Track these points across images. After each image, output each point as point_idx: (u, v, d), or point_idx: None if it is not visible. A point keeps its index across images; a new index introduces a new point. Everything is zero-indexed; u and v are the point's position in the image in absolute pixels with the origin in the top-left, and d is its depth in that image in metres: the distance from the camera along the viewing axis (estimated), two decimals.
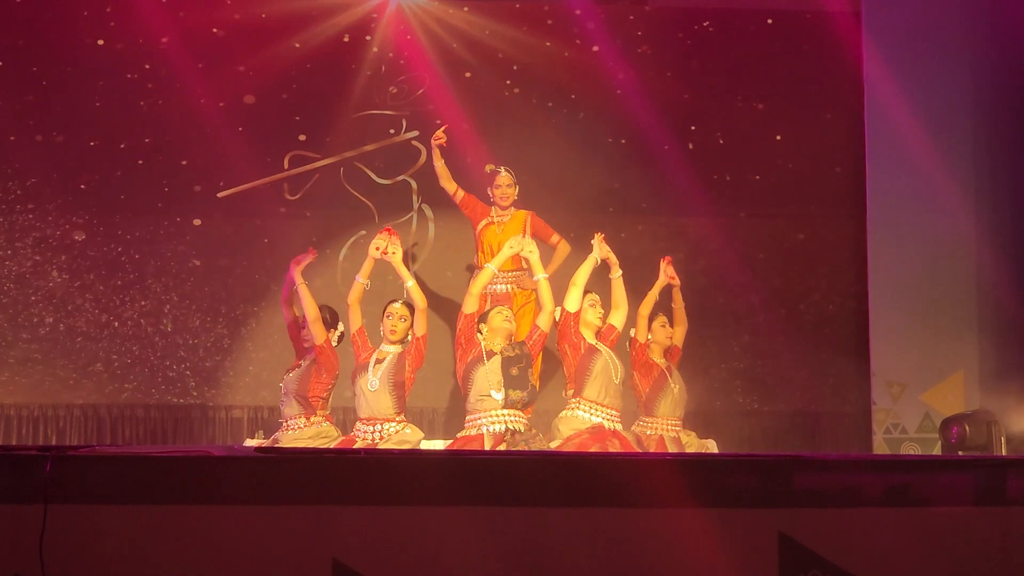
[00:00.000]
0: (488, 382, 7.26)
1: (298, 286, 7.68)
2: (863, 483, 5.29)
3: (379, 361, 7.49)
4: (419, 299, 7.57)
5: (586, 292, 7.71)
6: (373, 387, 7.42)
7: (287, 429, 7.64)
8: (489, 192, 8.69)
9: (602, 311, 7.71)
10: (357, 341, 7.61)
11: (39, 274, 9.70)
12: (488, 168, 8.73)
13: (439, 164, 8.71)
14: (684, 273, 10.02)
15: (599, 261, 7.80)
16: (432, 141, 8.74)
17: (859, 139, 10.11)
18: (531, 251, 7.75)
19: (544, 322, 7.55)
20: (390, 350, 7.55)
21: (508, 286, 8.43)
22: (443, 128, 8.81)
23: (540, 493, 5.14)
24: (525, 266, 8.12)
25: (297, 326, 7.85)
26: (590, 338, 7.63)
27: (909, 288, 9.77)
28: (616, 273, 7.87)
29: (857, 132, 10.16)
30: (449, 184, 8.72)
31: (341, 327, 7.87)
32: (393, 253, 7.64)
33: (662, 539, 5.11)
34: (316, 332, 7.62)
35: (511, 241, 7.82)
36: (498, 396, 7.24)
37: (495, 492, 5.13)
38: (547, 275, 7.68)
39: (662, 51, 10.29)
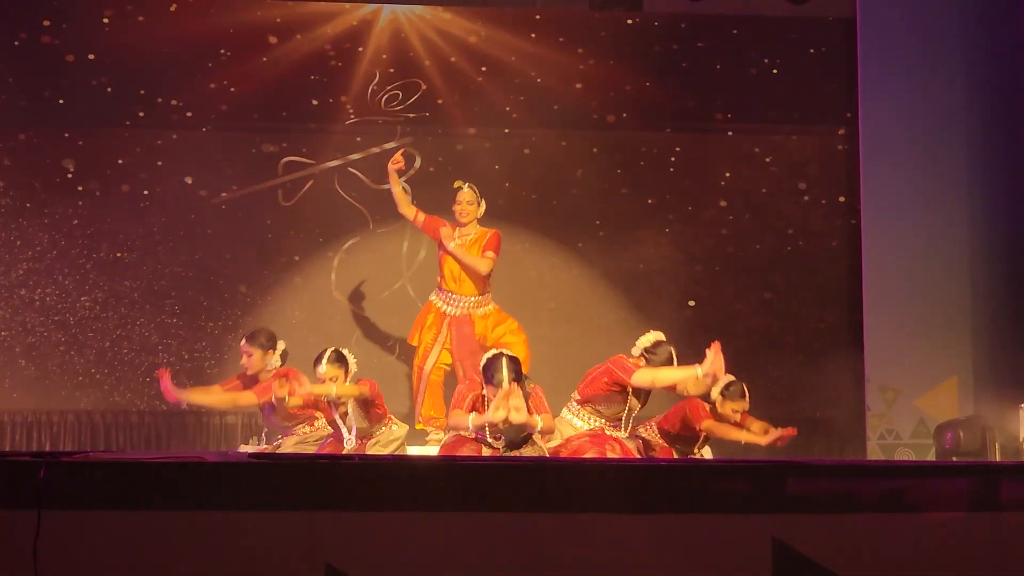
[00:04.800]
0: (489, 436, 7.11)
1: (187, 400, 7.72)
2: (857, 489, 5.28)
3: (344, 415, 7.43)
4: (352, 392, 7.31)
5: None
6: (350, 444, 7.36)
7: (291, 433, 7.62)
8: (453, 208, 8.48)
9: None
10: (310, 404, 7.52)
11: (32, 280, 9.69)
12: (456, 185, 8.54)
13: (397, 190, 8.45)
14: (677, 279, 10.07)
15: (701, 376, 7.14)
16: (390, 166, 8.50)
17: (854, 145, 10.14)
18: (517, 408, 6.93)
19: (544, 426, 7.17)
20: (345, 402, 7.43)
21: (471, 310, 8.35)
22: (401, 152, 8.68)
23: (533, 499, 5.14)
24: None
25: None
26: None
27: (903, 294, 9.80)
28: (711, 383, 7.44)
29: (852, 138, 10.19)
30: (408, 209, 8.48)
31: (282, 345, 7.77)
32: (300, 386, 7.32)
33: (655, 545, 5.11)
34: (246, 403, 7.65)
35: (496, 402, 6.94)
36: (498, 444, 7.12)
37: (489, 498, 5.12)
38: (540, 422, 7.10)
39: (656, 58, 10.31)
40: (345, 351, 7.46)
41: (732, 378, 7.68)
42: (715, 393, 7.70)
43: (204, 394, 7.85)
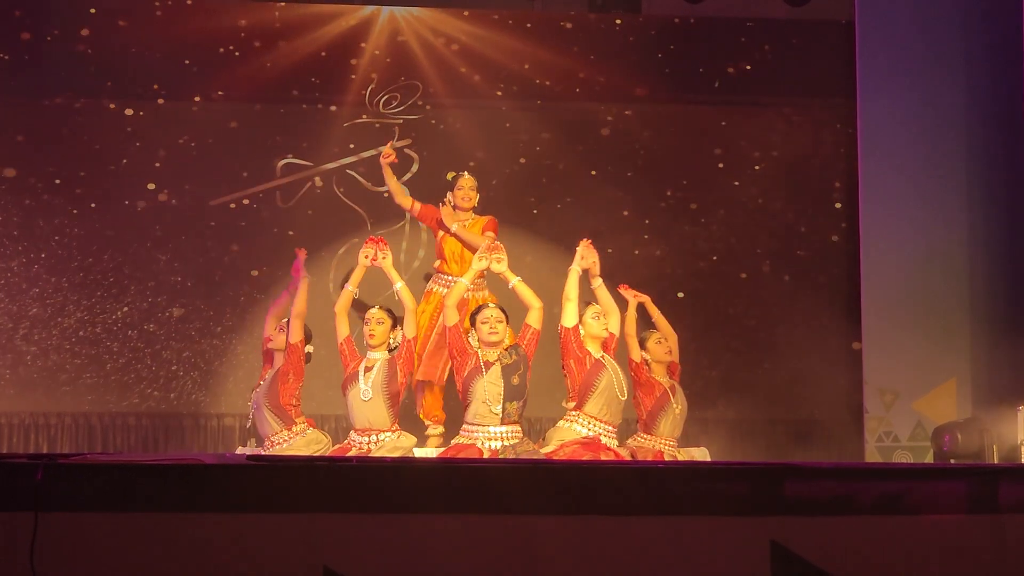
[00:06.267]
0: (487, 394, 7.19)
1: (302, 279, 7.77)
2: (855, 491, 5.29)
3: (368, 369, 7.42)
4: (408, 300, 7.55)
5: (587, 304, 7.64)
6: (366, 396, 7.34)
7: (272, 446, 7.54)
8: (449, 197, 8.47)
9: (606, 321, 7.58)
10: (345, 351, 7.50)
11: (30, 282, 9.67)
12: (449, 176, 8.59)
13: (392, 182, 8.58)
14: (676, 280, 10.06)
15: (580, 270, 7.65)
16: (381, 160, 8.58)
17: (852, 147, 10.13)
18: (498, 259, 7.60)
19: (535, 319, 7.38)
20: (376, 357, 7.46)
21: (467, 294, 8.36)
22: (389, 144, 8.73)
23: (532, 501, 5.14)
24: (487, 274, 7.95)
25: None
26: (596, 351, 7.51)
27: (902, 296, 9.79)
28: (597, 282, 7.72)
29: (850, 140, 10.19)
30: (404, 200, 8.59)
31: (311, 348, 7.78)
32: (383, 258, 7.67)
33: (654, 547, 5.11)
34: (295, 328, 7.55)
35: (478, 255, 7.67)
36: (497, 409, 7.17)
37: (487, 500, 5.12)
38: (519, 278, 7.51)
39: (654, 60, 10.31)
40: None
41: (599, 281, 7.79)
42: (636, 355, 7.86)
43: (304, 295, 7.76)
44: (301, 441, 7.51)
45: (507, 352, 7.30)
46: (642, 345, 7.90)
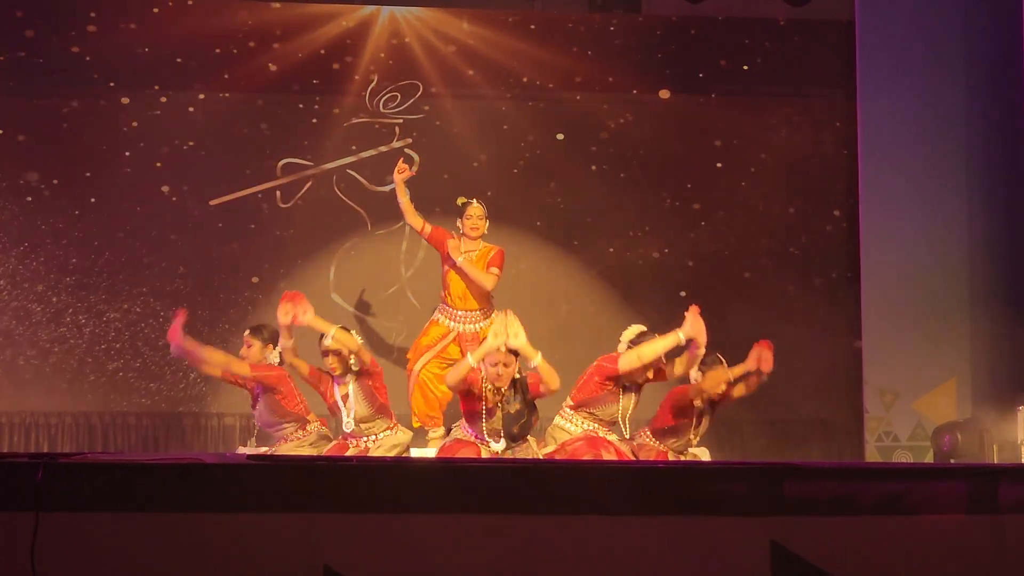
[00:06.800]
0: (488, 436, 7.12)
1: (188, 348, 7.38)
2: (855, 491, 5.28)
3: (345, 397, 7.38)
4: (350, 343, 7.25)
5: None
6: (348, 428, 7.37)
7: (287, 441, 7.54)
8: (459, 224, 8.35)
9: (650, 376, 7.31)
10: (313, 381, 7.46)
11: (32, 283, 9.68)
12: (460, 201, 8.48)
13: (404, 200, 8.35)
14: (675, 280, 10.07)
15: (683, 340, 7.20)
16: (395, 175, 8.40)
17: (852, 147, 10.14)
18: (515, 334, 6.80)
19: (547, 388, 6.93)
20: (347, 380, 7.38)
21: (477, 325, 8.27)
22: (402, 159, 8.61)
23: (532, 501, 5.14)
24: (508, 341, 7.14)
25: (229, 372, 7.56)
26: (625, 380, 7.31)
27: (902, 296, 9.79)
28: (699, 351, 7.29)
29: (851, 140, 10.19)
30: (415, 220, 8.36)
31: (279, 350, 7.58)
32: (304, 313, 7.20)
33: (654, 547, 5.11)
34: (237, 370, 7.37)
35: (492, 331, 6.90)
36: (497, 447, 7.08)
37: (487, 500, 5.12)
38: (540, 355, 6.85)
39: (654, 60, 10.31)
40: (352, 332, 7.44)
41: (703, 351, 7.43)
42: (694, 374, 7.55)
43: (205, 348, 7.51)
44: (314, 436, 7.52)
45: (512, 395, 6.99)
46: (703, 370, 7.54)
